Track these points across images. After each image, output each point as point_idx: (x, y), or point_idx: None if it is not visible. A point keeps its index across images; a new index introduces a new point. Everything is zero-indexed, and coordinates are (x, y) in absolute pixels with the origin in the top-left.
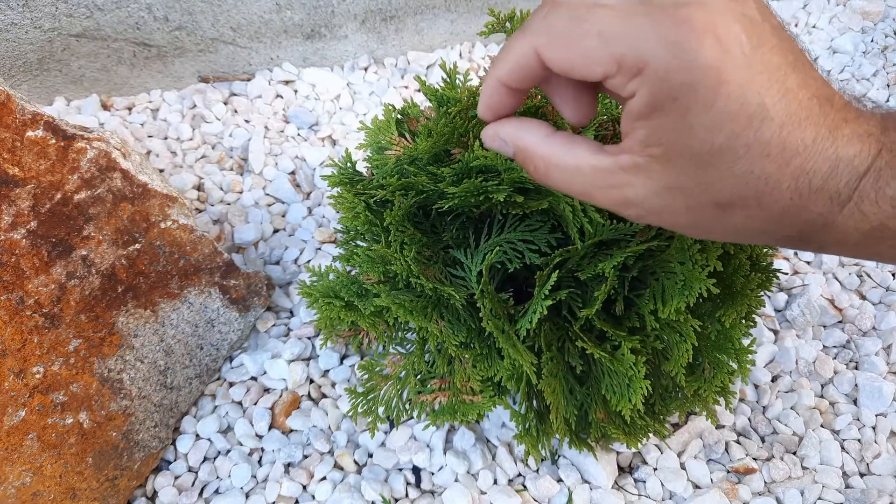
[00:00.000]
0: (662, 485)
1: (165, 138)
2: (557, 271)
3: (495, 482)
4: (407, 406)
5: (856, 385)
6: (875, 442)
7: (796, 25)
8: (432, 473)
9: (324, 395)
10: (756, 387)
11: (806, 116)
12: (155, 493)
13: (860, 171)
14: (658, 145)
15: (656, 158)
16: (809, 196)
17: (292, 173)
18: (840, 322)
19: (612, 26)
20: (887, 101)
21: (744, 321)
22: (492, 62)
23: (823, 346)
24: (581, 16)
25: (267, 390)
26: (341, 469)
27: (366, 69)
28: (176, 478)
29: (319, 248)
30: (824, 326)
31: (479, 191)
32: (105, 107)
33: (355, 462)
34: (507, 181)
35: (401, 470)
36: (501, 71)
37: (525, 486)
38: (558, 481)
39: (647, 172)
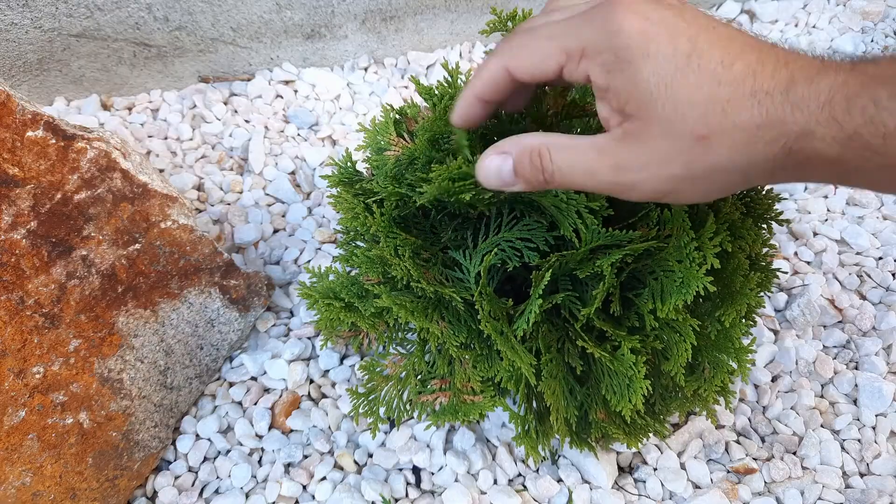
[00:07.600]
0: (662, 485)
1: (165, 138)
2: (551, 270)
3: (495, 482)
4: (407, 406)
5: (856, 385)
6: (875, 442)
7: (796, 25)
8: (432, 473)
9: (324, 396)
10: (756, 387)
11: (748, 51)
12: (155, 493)
13: (822, 86)
14: (627, 102)
15: (632, 117)
16: (776, 109)
17: (292, 173)
18: (840, 322)
19: (557, 29)
20: None
21: (744, 321)
22: (468, 81)
23: (823, 346)
24: (535, 29)
25: (267, 390)
26: (341, 469)
27: (366, 69)
28: (176, 478)
29: (319, 249)
30: (824, 326)
31: (448, 192)
32: (105, 107)
33: (355, 462)
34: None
35: (401, 470)
36: (476, 88)
37: (525, 486)
38: (558, 481)
39: (632, 136)
